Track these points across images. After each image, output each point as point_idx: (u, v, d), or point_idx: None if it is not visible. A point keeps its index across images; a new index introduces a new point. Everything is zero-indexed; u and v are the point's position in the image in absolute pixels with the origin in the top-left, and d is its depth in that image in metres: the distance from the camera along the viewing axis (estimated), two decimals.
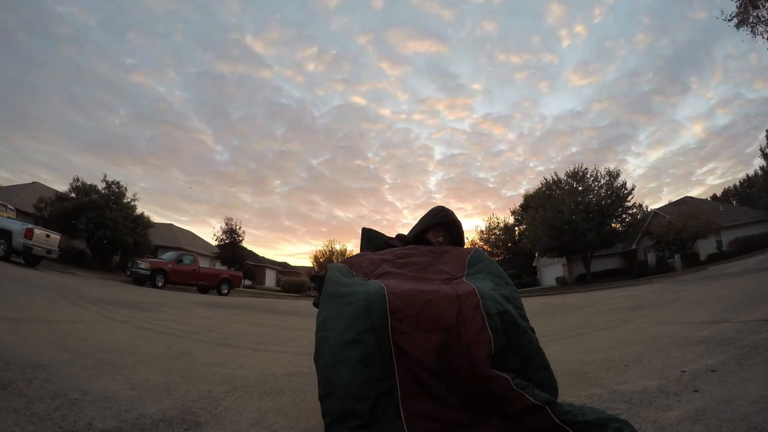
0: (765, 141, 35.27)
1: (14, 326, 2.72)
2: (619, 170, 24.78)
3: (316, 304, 1.48)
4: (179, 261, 14.91)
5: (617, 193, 24.19)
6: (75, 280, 10.09)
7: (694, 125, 65.95)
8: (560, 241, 24.52)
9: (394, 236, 2.01)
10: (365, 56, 72.73)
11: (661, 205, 31.91)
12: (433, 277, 1.51)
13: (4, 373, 1.57)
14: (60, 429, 1.14)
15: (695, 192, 71.12)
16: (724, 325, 3.07)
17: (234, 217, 38.13)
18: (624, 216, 24.64)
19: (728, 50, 56.17)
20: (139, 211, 20.39)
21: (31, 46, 51.79)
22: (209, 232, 79.81)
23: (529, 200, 34.87)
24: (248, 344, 3.43)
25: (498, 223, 42.41)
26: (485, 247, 36.98)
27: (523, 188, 69.82)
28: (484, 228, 42.44)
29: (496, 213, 67.22)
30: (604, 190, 24.81)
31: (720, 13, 12.16)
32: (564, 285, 27.46)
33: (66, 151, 59.11)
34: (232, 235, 29.40)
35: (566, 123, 68.59)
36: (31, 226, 11.36)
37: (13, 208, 12.89)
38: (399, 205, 76.85)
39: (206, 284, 15.36)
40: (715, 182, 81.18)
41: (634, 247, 28.46)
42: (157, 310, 5.71)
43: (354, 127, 74.56)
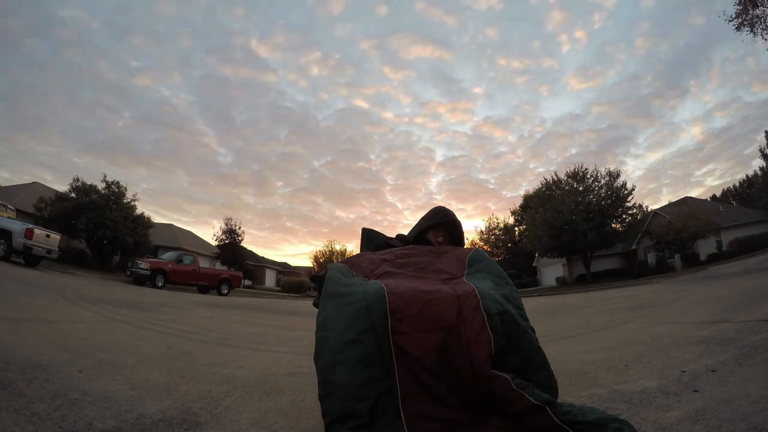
0: (765, 142, 35.18)
1: (14, 326, 2.72)
2: (619, 170, 24.78)
3: (316, 304, 1.47)
4: (179, 261, 14.90)
5: (617, 194, 24.16)
6: (75, 280, 10.08)
7: (692, 128, 66.10)
8: (560, 241, 24.50)
9: (394, 236, 2.01)
10: (369, 61, 72.81)
11: (661, 206, 31.97)
12: (433, 277, 1.52)
13: (4, 373, 1.57)
14: (60, 429, 1.14)
15: (694, 193, 71.33)
16: (724, 325, 3.07)
17: (235, 218, 38.16)
18: (624, 216, 24.62)
19: (726, 54, 56.56)
20: (140, 212, 20.46)
21: (33, 48, 51.90)
22: (210, 233, 79.87)
23: (529, 200, 34.86)
24: (248, 344, 3.43)
25: (498, 223, 42.44)
26: (485, 248, 36.95)
27: (523, 189, 69.89)
28: (484, 228, 42.48)
29: (496, 214, 67.14)
30: (604, 190, 24.78)
31: (722, 14, 12.23)
32: (564, 285, 27.43)
33: (68, 152, 59.32)
34: (231, 235, 29.40)
35: (566, 126, 68.77)
36: (31, 226, 11.36)
37: (13, 208, 12.89)
38: (400, 206, 76.93)
39: (206, 284, 15.35)
40: (714, 183, 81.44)
41: (634, 247, 28.44)
42: (157, 310, 5.71)
43: (357, 130, 74.67)
